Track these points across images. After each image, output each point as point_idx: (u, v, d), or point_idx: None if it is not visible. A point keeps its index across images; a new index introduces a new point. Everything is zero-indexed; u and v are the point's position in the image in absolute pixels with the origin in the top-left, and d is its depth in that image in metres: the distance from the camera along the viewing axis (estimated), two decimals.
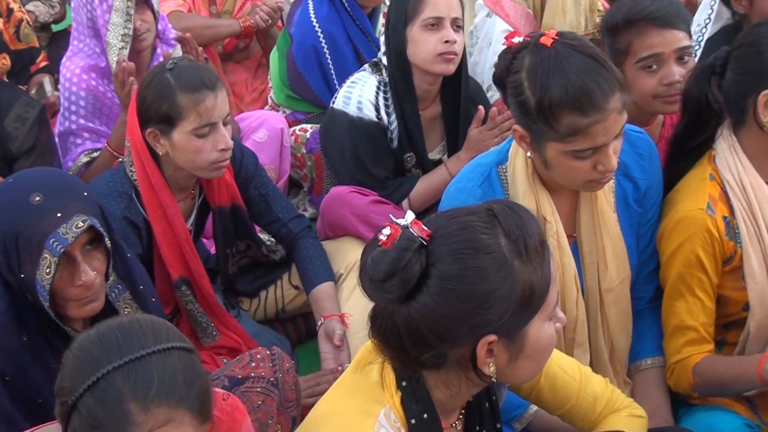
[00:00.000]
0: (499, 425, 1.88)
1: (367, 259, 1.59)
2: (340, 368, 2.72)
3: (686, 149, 2.41)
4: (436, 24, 3.05)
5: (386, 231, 1.57)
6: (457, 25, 3.09)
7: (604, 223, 2.34)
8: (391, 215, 1.66)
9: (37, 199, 2.00)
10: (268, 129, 3.70)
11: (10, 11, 4.17)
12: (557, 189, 2.30)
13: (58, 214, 1.99)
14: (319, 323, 2.86)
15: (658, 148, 2.48)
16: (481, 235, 1.56)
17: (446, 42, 3.05)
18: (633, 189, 2.40)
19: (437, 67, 3.09)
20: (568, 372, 1.98)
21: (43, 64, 4.32)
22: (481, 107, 3.18)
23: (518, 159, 2.28)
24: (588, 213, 2.34)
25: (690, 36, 2.63)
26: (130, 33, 3.42)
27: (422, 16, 3.05)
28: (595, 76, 2.04)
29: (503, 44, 2.20)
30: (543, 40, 2.09)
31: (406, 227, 1.58)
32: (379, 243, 1.58)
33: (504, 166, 2.33)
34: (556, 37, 2.09)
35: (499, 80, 2.20)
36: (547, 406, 2.03)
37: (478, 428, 1.84)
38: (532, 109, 2.09)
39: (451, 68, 3.11)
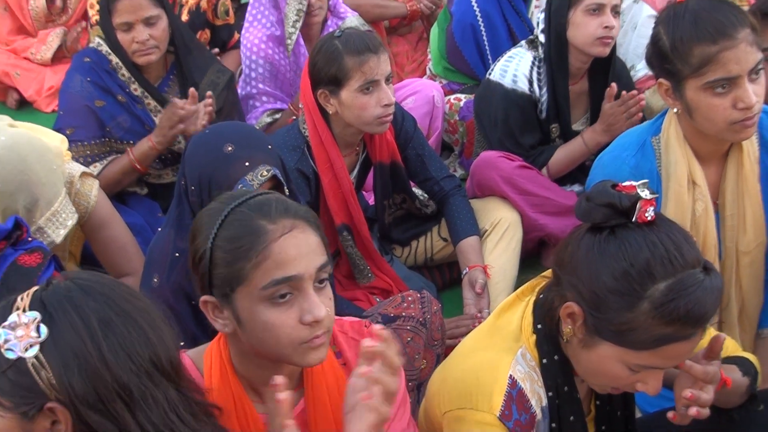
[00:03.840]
0: None
1: (597, 186, 1.59)
2: (479, 314, 2.77)
3: None
4: (598, 9, 3.06)
5: (629, 183, 1.55)
6: (616, 11, 3.09)
7: (747, 190, 2.28)
8: (631, 182, 1.60)
9: (229, 149, 2.08)
10: (417, 97, 3.72)
11: None
12: (706, 158, 2.28)
13: (246, 163, 2.06)
14: (464, 272, 2.91)
15: None
16: (660, 266, 1.50)
17: (606, 27, 3.06)
18: None
19: (595, 49, 3.11)
20: None
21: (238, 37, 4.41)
22: (613, 84, 3.13)
23: (671, 128, 2.26)
24: (733, 179, 2.29)
25: None
26: (304, 9, 3.53)
27: (586, 2, 3.06)
28: (723, 11, 2.05)
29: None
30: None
31: (637, 197, 1.53)
32: (618, 186, 1.56)
33: (657, 137, 2.30)
34: None
35: (649, 58, 2.22)
36: None
37: None
38: (668, 50, 2.10)
39: (607, 51, 3.12)
